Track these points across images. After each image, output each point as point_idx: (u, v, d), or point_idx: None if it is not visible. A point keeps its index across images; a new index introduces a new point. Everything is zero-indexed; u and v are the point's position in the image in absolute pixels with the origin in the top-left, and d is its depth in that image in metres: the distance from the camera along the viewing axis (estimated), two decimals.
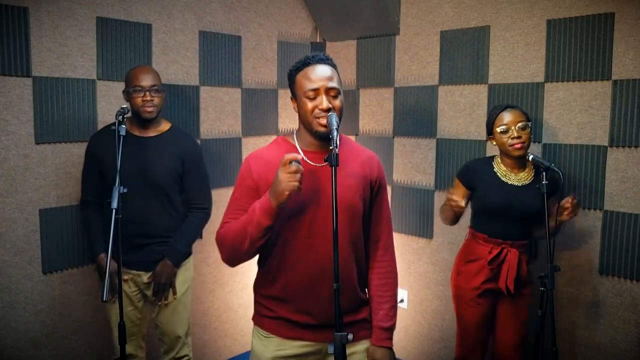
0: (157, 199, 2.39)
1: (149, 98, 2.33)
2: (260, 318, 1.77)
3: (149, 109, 2.34)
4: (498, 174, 2.39)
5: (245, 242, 1.59)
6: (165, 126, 2.49)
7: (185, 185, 2.49)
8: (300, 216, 1.64)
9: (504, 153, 2.38)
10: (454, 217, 2.46)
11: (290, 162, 1.49)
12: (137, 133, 2.42)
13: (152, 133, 2.43)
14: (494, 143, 2.40)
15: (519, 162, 2.38)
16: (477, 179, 2.43)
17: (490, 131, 2.41)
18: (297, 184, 1.48)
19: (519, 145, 2.29)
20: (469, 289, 2.41)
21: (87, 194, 2.47)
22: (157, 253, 2.42)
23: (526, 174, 2.39)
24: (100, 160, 2.39)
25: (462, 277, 2.45)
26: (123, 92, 2.42)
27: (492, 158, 2.48)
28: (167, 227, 2.44)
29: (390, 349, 1.74)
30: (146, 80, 2.34)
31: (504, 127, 2.31)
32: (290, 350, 1.71)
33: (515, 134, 2.29)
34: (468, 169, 2.51)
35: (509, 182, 2.37)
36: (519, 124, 2.31)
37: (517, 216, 2.35)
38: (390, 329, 1.75)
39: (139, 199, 2.35)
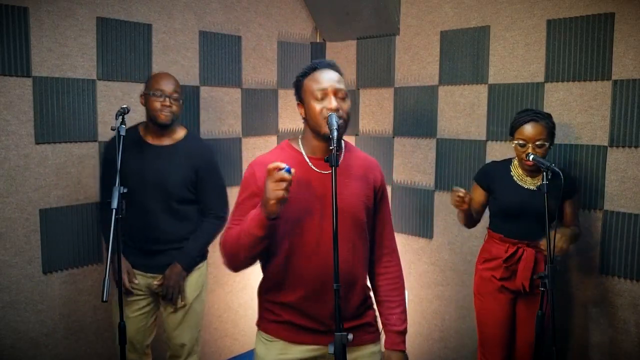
0: (169, 207, 2.38)
1: (167, 104, 2.31)
2: (264, 322, 1.76)
3: (165, 115, 2.32)
4: (515, 177, 2.42)
5: (241, 252, 1.60)
6: (180, 134, 2.45)
7: (200, 194, 2.45)
8: (306, 222, 1.64)
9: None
10: (466, 217, 2.50)
11: (279, 169, 1.44)
12: (151, 141, 2.40)
13: (167, 141, 2.40)
14: (513, 144, 2.38)
15: (536, 167, 2.36)
16: (495, 181, 2.46)
17: (512, 132, 2.38)
18: (281, 192, 1.43)
19: (530, 163, 2.28)
20: (487, 282, 2.45)
21: (105, 197, 2.47)
22: (170, 259, 2.40)
23: (540, 178, 2.38)
24: (114, 164, 2.38)
25: (479, 275, 2.50)
26: (141, 95, 2.41)
27: (509, 161, 2.49)
28: (179, 235, 2.41)
29: (404, 352, 1.76)
30: (168, 86, 2.33)
31: (522, 141, 2.30)
32: (294, 354, 1.71)
33: (530, 151, 2.28)
34: (486, 171, 2.55)
35: (525, 186, 2.39)
36: (537, 142, 2.28)
37: (532, 217, 2.34)
38: (403, 332, 1.77)
39: (151, 206, 2.35)
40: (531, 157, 2.26)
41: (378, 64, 3.42)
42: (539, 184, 2.37)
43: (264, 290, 1.76)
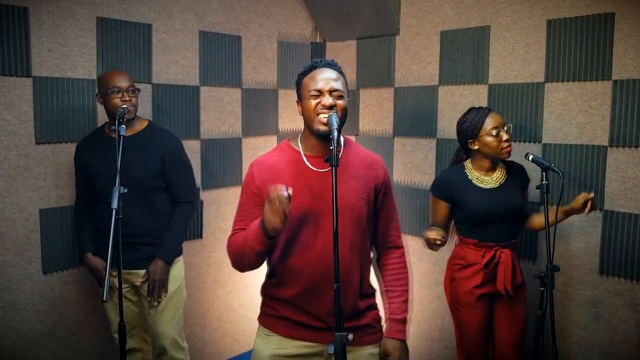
0: (138, 198, 2.38)
1: (127, 98, 2.33)
2: (264, 317, 1.81)
3: (129, 109, 2.32)
4: (473, 180, 2.38)
5: (244, 259, 1.67)
6: (142, 124, 2.47)
7: (169, 181, 2.47)
8: (303, 220, 1.66)
9: (486, 156, 2.35)
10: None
11: (279, 196, 1.47)
12: (113, 135, 2.39)
13: (129, 133, 2.40)
14: (476, 147, 2.35)
15: (493, 164, 2.38)
16: (455, 191, 2.38)
17: (473, 135, 2.34)
18: (278, 223, 1.50)
19: (510, 148, 2.30)
20: (465, 293, 2.38)
21: (78, 197, 2.53)
22: (144, 252, 2.41)
23: (499, 174, 2.40)
24: (85, 164, 2.42)
25: (456, 284, 2.41)
26: (97, 95, 2.41)
27: (461, 165, 2.44)
28: (151, 226, 2.43)
29: (403, 341, 1.77)
30: (123, 82, 2.34)
31: (496, 129, 2.29)
32: (290, 349, 1.73)
33: (506, 136, 2.30)
34: (442, 182, 2.44)
35: (486, 187, 2.36)
36: (506, 127, 2.32)
37: (501, 217, 2.34)
38: (403, 321, 1.79)
39: (123, 200, 2.34)
40: (531, 157, 2.27)
41: (378, 64, 3.42)
42: (500, 181, 2.38)
43: (266, 285, 1.81)
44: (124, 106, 2.21)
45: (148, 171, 2.39)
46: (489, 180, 2.38)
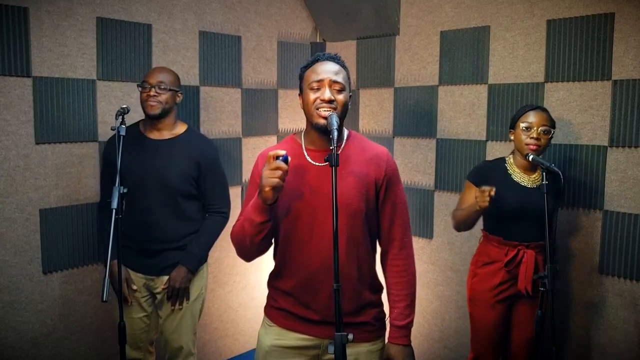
0: (169, 203, 2.34)
1: (152, 93, 2.30)
2: (267, 307, 1.83)
3: (152, 104, 2.30)
4: (512, 175, 2.38)
5: (246, 239, 1.64)
6: (180, 129, 2.44)
7: (201, 189, 2.42)
8: (299, 213, 1.66)
9: (518, 151, 2.37)
10: (472, 220, 2.38)
11: (276, 157, 1.48)
12: (151, 135, 2.39)
13: (166, 135, 2.39)
14: (512, 138, 2.39)
15: (532, 164, 2.36)
16: (490, 179, 2.34)
17: (513, 125, 2.38)
18: (276, 180, 1.47)
19: (534, 147, 2.28)
20: (485, 290, 2.38)
21: (104, 197, 2.47)
22: (171, 259, 2.37)
23: (538, 175, 2.37)
24: (113, 162, 2.38)
25: (478, 280, 2.42)
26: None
27: (503, 159, 2.46)
28: (180, 233, 2.38)
29: (407, 346, 1.74)
30: (153, 77, 2.33)
31: (527, 124, 2.30)
32: (288, 341, 1.74)
33: (535, 135, 2.28)
34: (480, 169, 2.48)
35: (523, 184, 2.35)
36: (542, 127, 2.29)
37: (532, 218, 2.31)
38: (406, 326, 1.74)
39: (151, 202, 2.32)
40: (531, 157, 2.25)
41: (378, 64, 3.42)
42: (538, 182, 2.35)
43: (270, 276, 1.83)
44: (124, 106, 2.20)
45: (181, 176, 2.34)
46: (526, 179, 2.37)
